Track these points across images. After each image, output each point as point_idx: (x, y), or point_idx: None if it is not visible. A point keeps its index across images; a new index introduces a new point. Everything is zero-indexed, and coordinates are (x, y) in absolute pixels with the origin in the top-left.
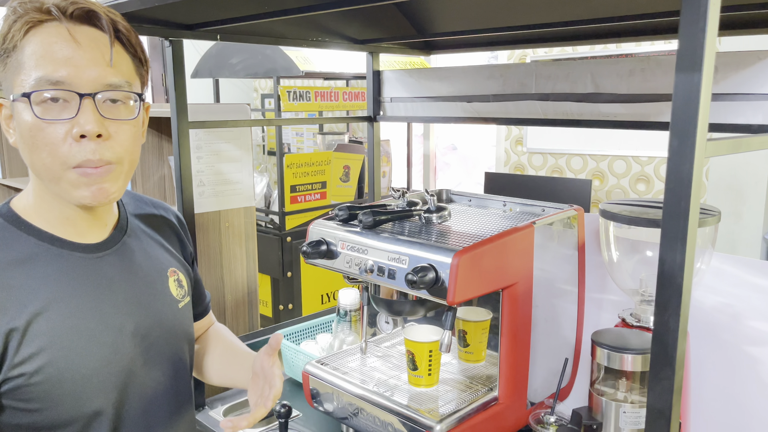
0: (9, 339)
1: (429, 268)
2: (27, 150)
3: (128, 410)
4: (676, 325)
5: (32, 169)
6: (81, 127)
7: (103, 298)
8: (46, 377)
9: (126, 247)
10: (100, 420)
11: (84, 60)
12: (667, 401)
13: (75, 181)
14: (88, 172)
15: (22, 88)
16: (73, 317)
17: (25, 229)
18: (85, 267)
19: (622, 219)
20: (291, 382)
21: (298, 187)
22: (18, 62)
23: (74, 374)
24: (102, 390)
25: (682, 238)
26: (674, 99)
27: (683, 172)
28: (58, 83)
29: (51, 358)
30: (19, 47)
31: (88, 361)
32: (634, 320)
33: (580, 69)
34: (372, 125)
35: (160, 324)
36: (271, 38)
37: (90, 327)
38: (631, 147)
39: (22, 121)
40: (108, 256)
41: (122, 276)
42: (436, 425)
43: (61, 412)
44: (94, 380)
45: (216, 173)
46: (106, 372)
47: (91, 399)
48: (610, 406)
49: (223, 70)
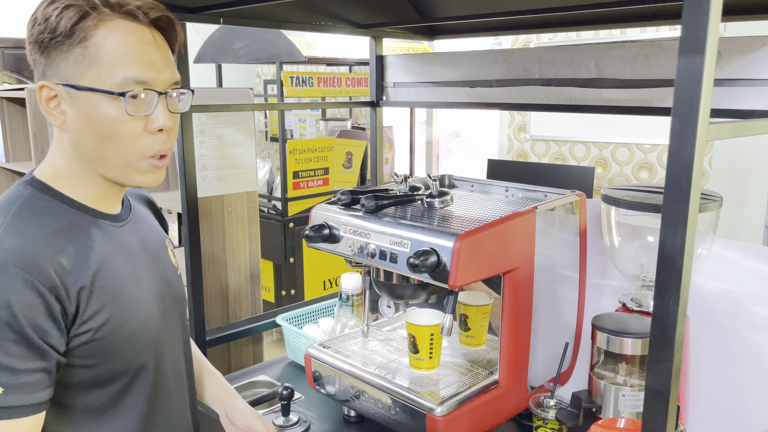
0: (80, 296)
1: (431, 251)
2: (95, 137)
3: (161, 365)
4: (675, 308)
5: (95, 153)
6: (158, 122)
7: (133, 263)
8: (106, 332)
9: (135, 219)
10: (144, 373)
11: (161, 62)
12: (666, 383)
13: (144, 168)
14: (158, 164)
15: (102, 83)
16: (119, 279)
17: (61, 200)
18: (116, 235)
19: (624, 204)
20: (293, 365)
21: (301, 173)
22: (92, 56)
23: (126, 330)
24: (144, 346)
25: (683, 221)
26: (677, 81)
27: (684, 155)
28: (144, 83)
29: (111, 314)
30: (92, 41)
31: (134, 318)
32: (634, 305)
33: (583, 54)
34: (375, 110)
35: (171, 289)
36: (274, 22)
37: (130, 288)
38: (635, 134)
39: (98, 113)
40: (127, 226)
41: (140, 244)
42: (436, 407)
43: (115, 366)
44: (139, 336)
45: (219, 158)
46: (145, 329)
47: (137, 354)
48: (609, 389)
49: (226, 56)
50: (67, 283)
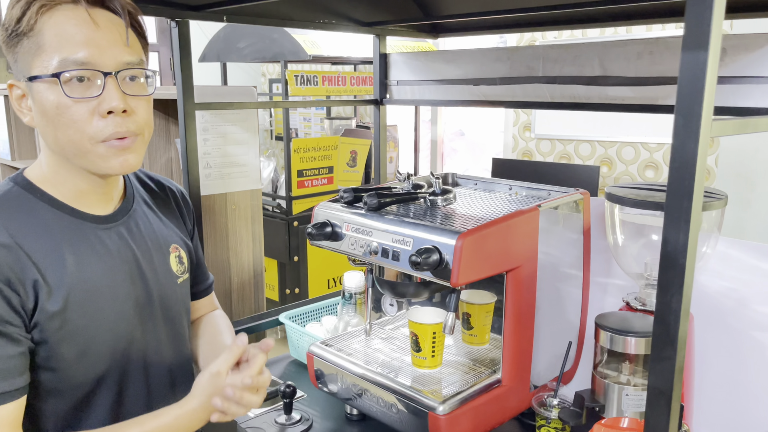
0: (38, 289)
1: (433, 249)
2: (51, 127)
3: (131, 378)
4: (678, 306)
5: (56, 145)
6: (107, 103)
7: (112, 267)
8: (64, 335)
9: (132, 221)
10: (106, 384)
11: (104, 41)
12: (668, 381)
13: (103, 153)
14: (116, 144)
15: (45, 69)
16: (88, 282)
17: (41, 197)
18: (97, 236)
19: (628, 202)
20: (296, 363)
21: (305, 172)
22: (36, 44)
23: (87, 336)
24: (109, 354)
25: (686, 218)
26: (680, 77)
27: (688, 151)
28: (83, 63)
29: (71, 317)
30: (36, 30)
31: (98, 324)
32: (638, 304)
33: (587, 52)
34: (378, 108)
35: (159, 298)
36: (278, 20)
37: (101, 293)
38: (640, 133)
39: (45, 101)
40: (115, 228)
41: (128, 248)
42: (438, 406)
43: (73, 373)
44: (103, 344)
45: (223, 156)
46: (113, 337)
47: (98, 362)
48: (612, 388)
49: (231, 54)
50: (23, 277)
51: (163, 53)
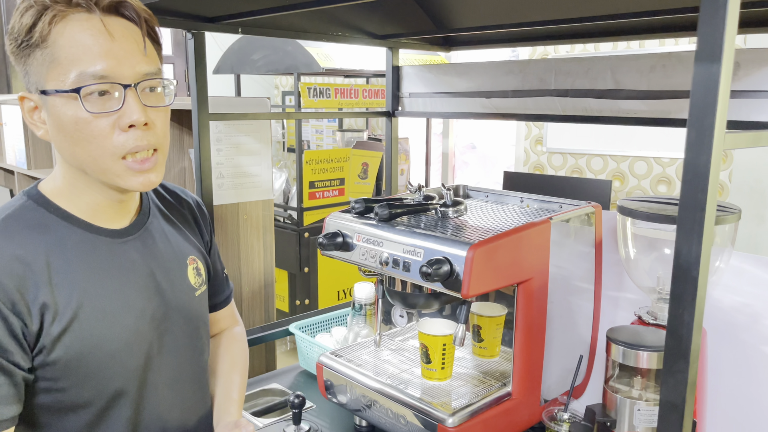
0: (44, 312)
1: (444, 260)
2: (68, 142)
3: (149, 392)
4: (690, 319)
5: (73, 159)
6: (129, 117)
7: (127, 283)
8: (73, 354)
9: (148, 234)
10: (122, 401)
11: (122, 51)
12: (681, 395)
13: (123, 173)
14: (136, 167)
15: (61, 83)
16: (101, 298)
17: (55, 212)
18: (111, 251)
19: (640, 215)
20: (305, 373)
21: (317, 183)
22: (51, 56)
23: (98, 353)
24: (123, 371)
25: (699, 230)
26: (693, 89)
27: (700, 164)
28: (102, 77)
29: (78, 335)
30: (49, 41)
31: (111, 342)
32: (650, 318)
33: (600, 65)
34: (390, 120)
35: (177, 311)
36: (292, 32)
37: (114, 310)
38: (653, 148)
39: (63, 115)
40: (131, 242)
41: (144, 262)
42: (448, 418)
43: (85, 391)
44: (116, 361)
45: (235, 166)
46: (127, 354)
47: (112, 379)
48: (624, 403)
49: (245, 66)
50: (31, 299)
51: (178, 65)
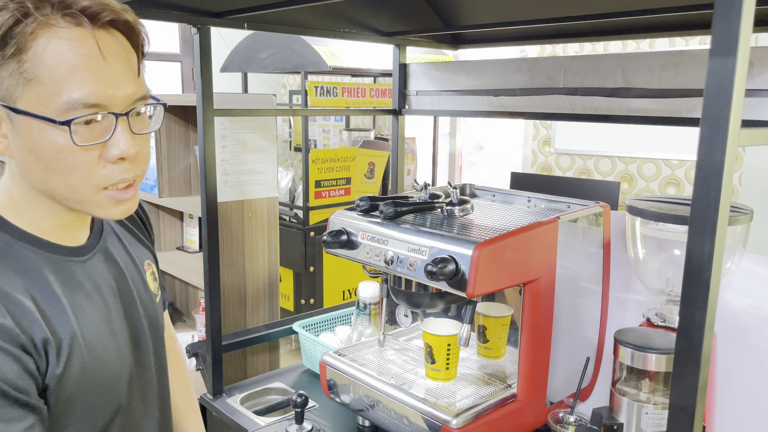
0: (47, 347)
1: (449, 259)
2: (41, 168)
3: (133, 404)
4: (702, 320)
5: (44, 186)
6: (118, 149)
7: (104, 303)
8: (73, 391)
9: (106, 245)
10: (119, 415)
11: (116, 76)
12: (691, 398)
13: (103, 202)
14: (118, 197)
15: (43, 107)
16: (88, 329)
17: (14, 234)
18: (83, 272)
19: (650, 215)
20: (309, 373)
21: (323, 183)
22: (30, 73)
23: (95, 385)
24: (113, 400)
25: (711, 230)
26: (707, 84)
27: (714, 160)
28: (93, 105)
29: (77, 370)
30: (29, 55)
31: (104, 369)
32: (659, 320)
33: (610, 63)
34: (397, 118)
35: (148, 320)
36: (298, 28)
37: (101, 333)
38: (662, 149)
39: (42, 142)
40: (94, 257)
41: (110, 276)
42: (452, 419)
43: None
44: (107, 390)
45: (240, 163)
46: (116, 381)
47: (104, 409)
48: (632, 406)
49: (252, 65)
50: (33, 336)
51: (185, 63)
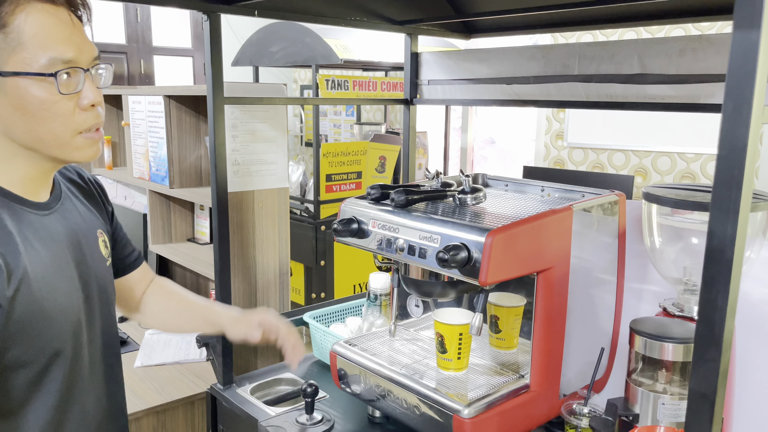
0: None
1: (461, 246)
2: (26, 120)
3: (79, 352)
4: (724, 303)
5: (28, 136)
6: (89, 98)
7: (57, 252)
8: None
9: (64, 208)
10: (59, 360)
11: (80, 39)
12: (712, 385)
13: (81, 144)
14: (93, 136)
15: (28, 66)
16: (40, 265)
17: None
18: (40, 223)
19: (667, 202)
20: (319, 363)
21: (334, 177)
22: (15, 41)
23: (41, 316)
24: (61, 332)
25: (734, 209)
26: (731, 58)
27: (738, 137)
28: (70, 62)
29: (27, 298)
30: (13, 26)
31: (52, 305)
32: (676, 310)
33: (626, 49)
34: (408, 108)
35: (98, 278)
36: (309, 16)
37: (51, 277)
38: (677, 143)
39: (30, 96)
40: (53, 215)
41: (67, 233)
42: (464, 409)
43: (28, 351)
44: (55, 323)
45: (251, 153)
46: (64, 316)
47: (52, 340)
48: (647, 397)
49: (263, 59)
50: None
51: (197, 58)
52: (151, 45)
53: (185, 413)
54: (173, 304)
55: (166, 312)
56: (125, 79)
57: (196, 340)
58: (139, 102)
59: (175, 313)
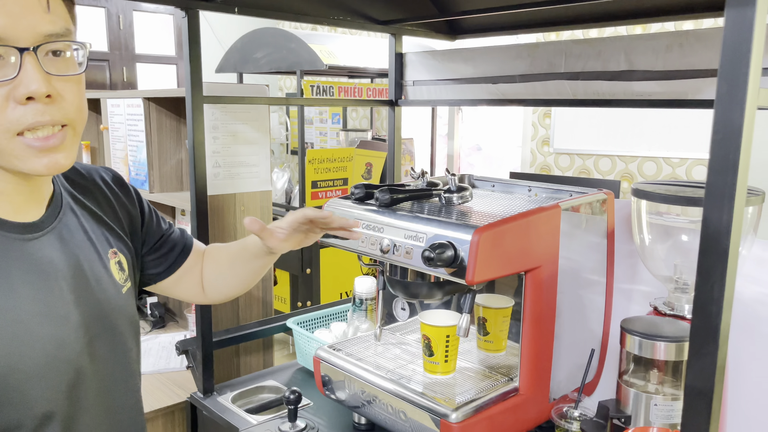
0: None
1: (447, 245)
2: None
3: (80, 411)
4: (720, 294)
5: None
6: (26, 87)
7: (47, 286)
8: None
9: (63, 226)
10: (52, 424)
11: (18, 7)
12: (709, 380)
13: (21, 153)
14: (36, 145)
15: None
16: (14, 309)
17: None
18: (23, 250)
19: (657, 198)
20: (303, 371)
21: (320, 183)
22: None
23: (17, 374)
24: (48, 390)
25: (730, 195)
26: (724, 36)
27: (732, 120)
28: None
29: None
30: None
31: (31, 358)
32: (667, 309)
33: (612, 46)
34: (393, 110)
35: (107, 313)
36: (290, 14)
37: (32, 319)
38: (662, 148)
39: None
40: (46, 236)
41: (64, 259)
42: (451, 413)
43: (6, 416)
44: (39, 379)
45: (232, 155)
46: (52, 369)
47: (37, 400)
48: (640, 398)
49: (247, 65)
50: None
51: (180, 66)
52: (134, 52)
53: (165, 424)
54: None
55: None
56: (108, 87)
57: (175, 347)
58: (118, 105)
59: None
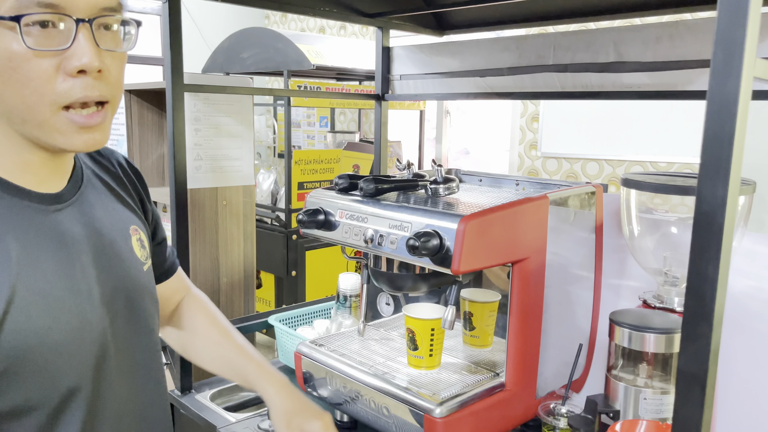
0: None
1: (433, 234)
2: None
3: (105, 387)
4: (715, 273)
5: (2, 107)
6: (78, 59)
7: (70, 259)
8: (11, 349)
9: (85, 200)
10: (76, 400)
11: None
12: (703, 364)
13: (64, 127)
14: (80, 121)
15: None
16: (41, 281)
17: None
18: (46, 221)
19: (647, 187)
20: (285, 369)
21: (306, 185)
22: None
23: (43, 347)
24: (75, 365)
25: (725, 169)
26: (719, 5)
27: (728, 90)
28: (49, 5)
29: (17, 326)
30: None
31: (57, 332)
32: (656, 301)
33: (602, 37)
34: (380, 104)
35: (129, 290)
36: (275, 3)
37: (57, 293)
38: (650, 152)
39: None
40: (68, 209)
41: (86, 233)
42: (436, 408)
43: (31, 393)
44: (65, 354)
45: (215, 148)
46: (78, 344)
47: (63, 376)
48: (629, 392)
49: (234, 65)
50: None
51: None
52: None
53: None
54: (214, 335)
55: (204, 340)
56: None
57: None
58: None
59: (214, 347)
